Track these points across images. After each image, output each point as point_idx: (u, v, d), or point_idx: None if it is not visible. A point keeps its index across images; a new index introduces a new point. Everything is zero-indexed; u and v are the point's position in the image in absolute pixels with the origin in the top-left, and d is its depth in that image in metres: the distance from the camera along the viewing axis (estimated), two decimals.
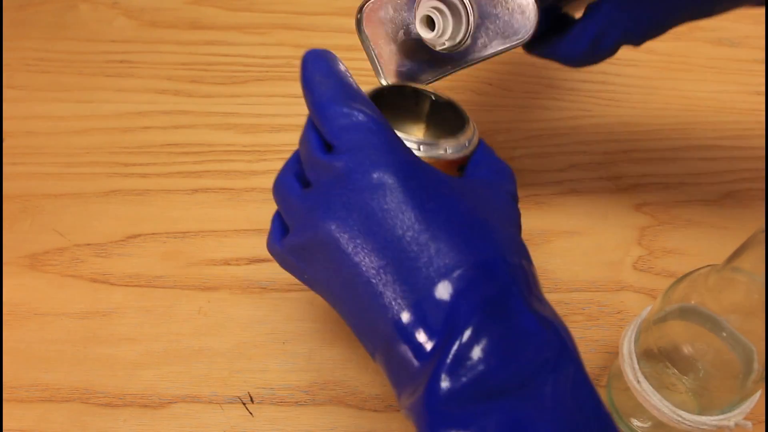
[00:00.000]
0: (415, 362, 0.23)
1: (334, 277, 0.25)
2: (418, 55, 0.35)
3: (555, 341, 0.23)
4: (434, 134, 0.34)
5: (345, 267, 0.25)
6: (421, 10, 0.32)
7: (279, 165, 0.47)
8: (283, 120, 0.50)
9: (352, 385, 0.37)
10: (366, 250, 0.24)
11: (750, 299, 0.26)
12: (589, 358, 0.38)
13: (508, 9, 0.31)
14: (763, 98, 0.52)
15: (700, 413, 0.30)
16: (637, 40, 0.34)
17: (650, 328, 0.30)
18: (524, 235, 0.43)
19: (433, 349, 0.22)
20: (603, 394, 0.37)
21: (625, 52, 0.34)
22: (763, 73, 0.53)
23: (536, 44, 0.34)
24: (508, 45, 0.32)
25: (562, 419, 0.22)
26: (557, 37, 0.33)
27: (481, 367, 0.22)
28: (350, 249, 0.24)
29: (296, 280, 0.41)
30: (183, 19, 0.58)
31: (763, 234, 0.24)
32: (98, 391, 0.37)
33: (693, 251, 0.43)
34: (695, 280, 0.29)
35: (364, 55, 0.54)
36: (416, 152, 0.29)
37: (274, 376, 0.37)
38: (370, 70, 0.53)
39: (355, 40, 0.58)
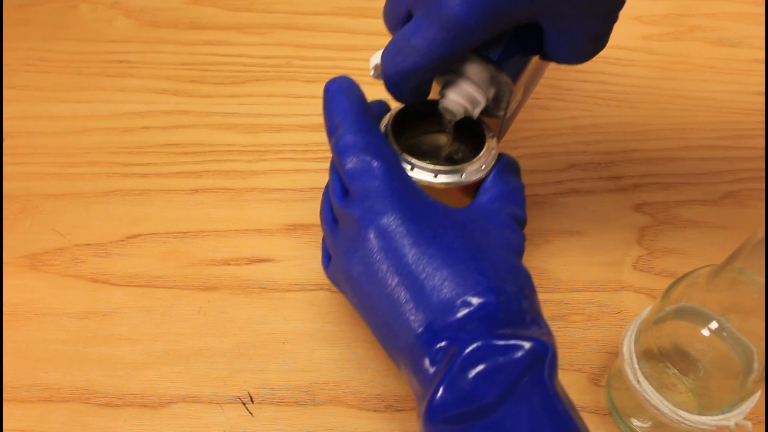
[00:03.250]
0: (422, 381, 0.27)
1: (359, 307, 0.31)
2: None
3: (539, 369, 0.26)
4: (456, 150, 0.37)
5: (365, 300, 0.30)
6: (441, 104, 0.33)
7: (279, 165, 0.47)
8: (283, 120, 0.50)
9: (352, 385, 0.37)
10: (379, 286, 0.29)
11: (750, 299, 0.26)
12: (589, 358, 0.38)
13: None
14: (762, 98, 0.52)
15: (700, 413, 0.30)
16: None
17: (650, 328, 0.30)
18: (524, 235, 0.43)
19: (435, 372, 0.26)
20: (603, 394, 0.37)
21: (625, 52, 0.34)
22: (763, 73, 0.53)
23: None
24: (508, 95, 0.33)
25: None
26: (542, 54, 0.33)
27: (472, 389, 0.26)
28: (368, 287, 0.29)
29: (296, 280, 0.41)
30: (183, 19, 0.58)
31: (763, 234, 0.24)
32: (98, 391, 0.37)
33: (693, 251, 0.43)
34: (695, 280, 0.29)
35: (365, 55, 0.54)
36: (433, 179, 0.32)
37: (274, 376, 0.37)
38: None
39: (355, 40, 0.58)
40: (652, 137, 0.49)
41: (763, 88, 0.52)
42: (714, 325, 0.28)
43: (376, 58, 0.34)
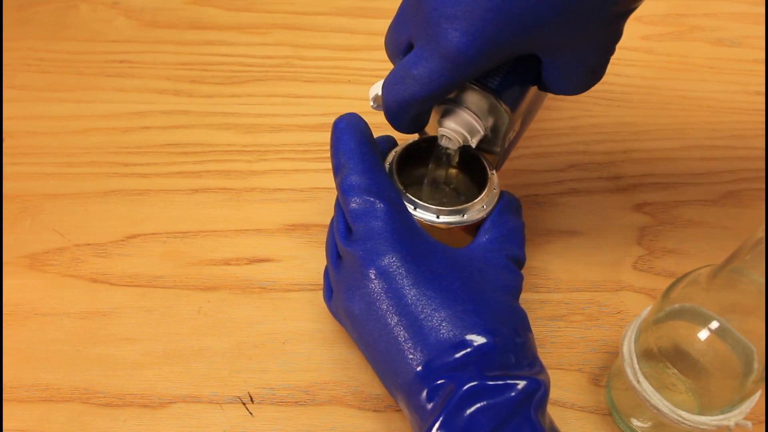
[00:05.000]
0: (419, 417, 0.28)
1: (359, 342, 0.32)
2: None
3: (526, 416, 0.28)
4: (459, 184, 0.38)
5: (365, 337, 0.31)
6: (440, 131, 0.34)
7: (279, 165, 0.47)
8: (283, 120, 0.50)
9: (352, 385, 0.37)
10: (379, 324, 0.30)
11: (750, 299, 0.26)
12: (589, 358, 0.38)
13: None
14: (762, 98, 0.52)
15: (700, 413, 0.30)
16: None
17: (650, 328, 0.30)
18: (525, 235, 0.43)
19: (432, 409, 0.28)
20: (603, 394, 0.37)
21: (625, 52, 0.34)
22: (763, 73, 0.53)
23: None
24: (507, 124, 0.33)
25: None
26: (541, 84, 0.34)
27: (467, 426, 0.27)
28: (368, 324, 0.30)
29: (296, 280, 0.41)
30: (183, 19, 0.58)
31: (763, 234, 0.24)
32: (98, 391, 0.37)
33: (693, 251, 0.43)
34: (695, 280, 0.29)
35: (365, 56, 0.54)
36: (435, 220, 0.33)
37: (274, 376, 0.37)
38: (372, 70, 0.54)
39: (355, 39, 0.58)
40: (652, 137, 0.49)
41: (763, 88, 0.52)
42: (714, 325, 0.28)
43: (375, 89, 0.35)
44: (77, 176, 0.46)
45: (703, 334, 0.28)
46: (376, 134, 0.34)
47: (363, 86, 0.52)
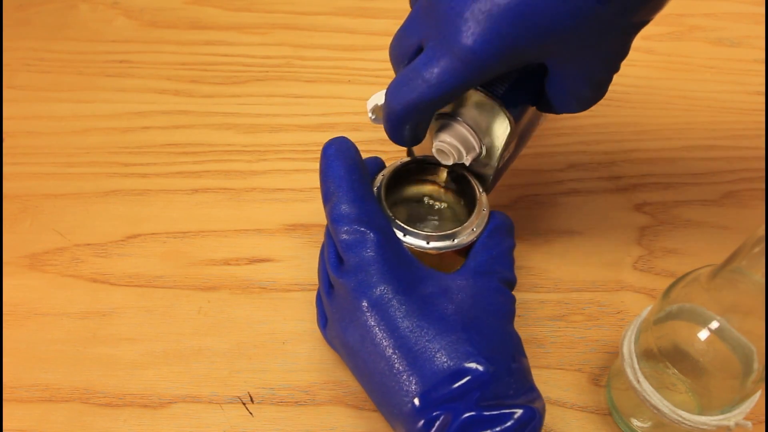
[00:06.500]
0: None
1: (356, 372, 0.32)
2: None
3: None
4: (447, 205, 0.38)
5: (361, 367, 0.31)
6: (435, 146, 0.34)
7: (279, 165, 0.47)
8: (283, 120, 0.50)
9: (352, 385, 0.37)
10: (374, 356, 0.30)
11: (750, 299, 0.26)
12: (589, 358, 0.38)
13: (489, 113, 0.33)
14: (762, 98, 0.52)
15: (700, 413, 0.30)
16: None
17: (650, 328, 0.30)
18: (525, 235, 0.43)
19: None
20: (603, 394, 0.37)
21: None
22: (763, 73, 0.53)
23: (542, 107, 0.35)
24: (507, 137, 0.33)
25: None
26: (544, 102, 0.34)
27: None
28: (363, 355, 0.30)
29: (296, 280, 0.41)
30: (183, 19, 0.58)
31: (763, 234, 0.24)
32: (98, 391, 0.37)
33: (693, 251, 0.43)
34: (695, 280, 0.29)
35: (365, 56, 0.54)
36: (426, 245, 0.33)
37: (274, 376, 0.37)
38: (372, 70, 0.54)
39: (355, 39, 0.58)
40: (652, 137, 0.49)
41: (763, 88, 0.52)
42: (714, 325, 0.28)
43: (375, 99, 0.34)
44: (77, 176, 0.46)
45: (703, 334, 0.28)
46: (366, 154, 0.34)
47: (363, 86, 0.52)
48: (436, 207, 0.38)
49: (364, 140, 0.48)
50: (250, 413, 0.36)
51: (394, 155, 0.47)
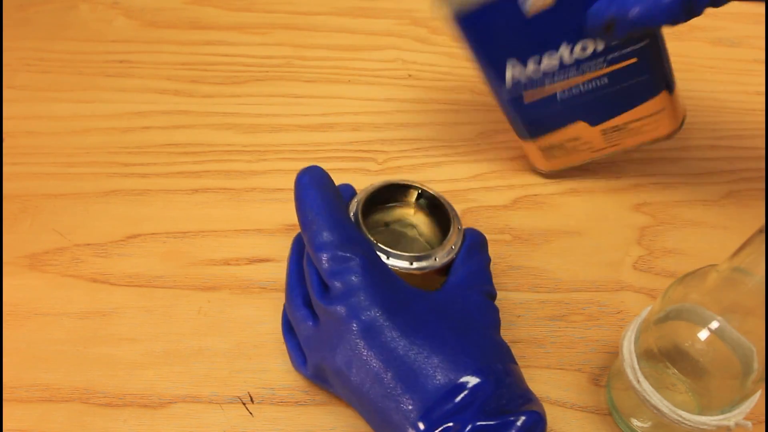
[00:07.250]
0: None
1: (351, 398, 0.31)
2: None
3: None
4: (422, 224, 0.39)
5: (357, 393, 0.30)
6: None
7: (279, 165, 0.47)
8: (283, 120, 0.50)
9: None
10: (371, 380, 0.29)
11: (750, 299, 0.26)
12: (589, 358, 0.38)
13: None
14: (763, 98, 0.52)
15: (700, 413, 0.30)
16: None
17: (650, 328, 0.30)
18: (525, 236, 0.43)
19: None
20: (603, 394, 0.37)
21: None
22: (763, 73, 0.53)
23: None
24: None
25: None
26: None
27: None
28: (360, 382, 0.30)
29: None
30: (183, 19, 0.58)
31: (763, 234, 0.24)
32: (98, 391, 0.37)
33: (693, 251, 0.43)
34: (695, 280, 0.29)
35: (365, 56, 0.54)
36: (409, 266, 0.34)
37: (274, 376, 0.37)
38: (372, 70, 0.54)
39: (355, 40, 0.58)
40: None
41: (763, 88, 0.52)
42: (714, 325, 0.28)
43: None
44: (77, 176, 0.46)
45: (703, 334, 0.28)
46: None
47: (363, 86, 0.52)
48: (411, 228, 0.39)
49: (364, 140, 0.48)
50: (250, 413, 0.36)
51: (393, 155, 0.47)
